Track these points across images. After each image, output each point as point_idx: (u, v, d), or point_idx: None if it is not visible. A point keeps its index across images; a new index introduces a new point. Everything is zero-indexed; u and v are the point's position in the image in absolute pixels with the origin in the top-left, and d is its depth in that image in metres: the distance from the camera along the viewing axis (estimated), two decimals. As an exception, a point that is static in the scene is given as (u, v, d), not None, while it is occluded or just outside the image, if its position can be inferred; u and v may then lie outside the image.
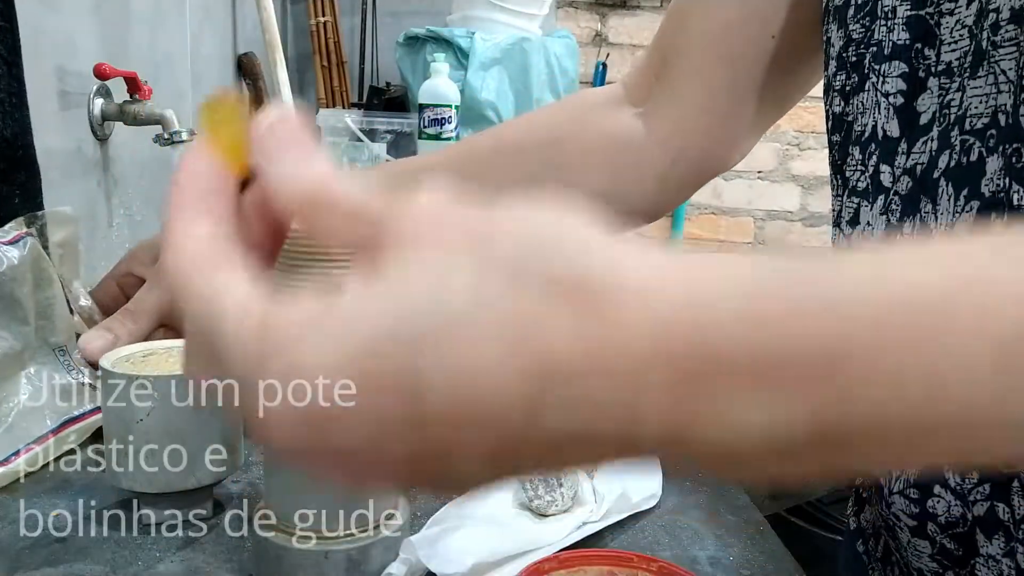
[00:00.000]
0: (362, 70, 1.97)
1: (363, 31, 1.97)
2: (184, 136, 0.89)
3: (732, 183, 2.35)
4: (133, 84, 0.89)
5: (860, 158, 0.48)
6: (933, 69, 0.43)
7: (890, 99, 0.45)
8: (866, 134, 0.47)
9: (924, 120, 0.44)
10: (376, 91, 1.85)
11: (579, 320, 0.19)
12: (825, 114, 0.52)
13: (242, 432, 0.50)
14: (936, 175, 0.42)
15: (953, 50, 0.42)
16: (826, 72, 0.51)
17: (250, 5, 1.36)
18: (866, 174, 0.47)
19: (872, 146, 0.47)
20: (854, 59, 0.48)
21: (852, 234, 0.49)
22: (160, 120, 0.89)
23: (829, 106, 0.51)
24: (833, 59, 0.50)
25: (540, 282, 0.19)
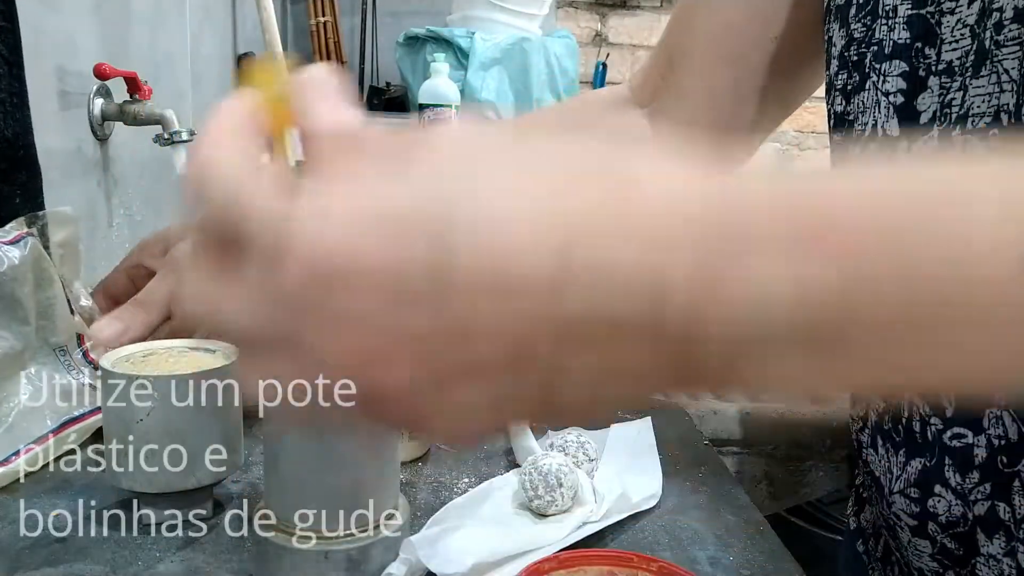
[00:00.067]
0: (362, 70, 1.97)
1: (363, 31, 1.97)
2: (184, 136, 0.89)
3: (733, 183, 2.34)
4: (133, 84, 0.89)
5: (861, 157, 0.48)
6: (934, 68, 0.43)
7: (890, 98, 0.45)
8: (866, 133, 0.47)
9: (924, 119, 0.44)
10: (376, 91, 1.85)
11: (606, 193, 0.20)
12: (827, 113, 0.52)
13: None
14: None
15: (954, 49, 0.42)
16: (827, 71, 0.51)
17: (250, 5, 1.36)
18: None
19: (872, 145, 0.47)
20: (855, 58, 0.48)
21: None
22: (160, 120, 0.89)
23: (831, 105, 0.51)
24: (835, 59, 0.50)
25: (572, 168, 0.20)
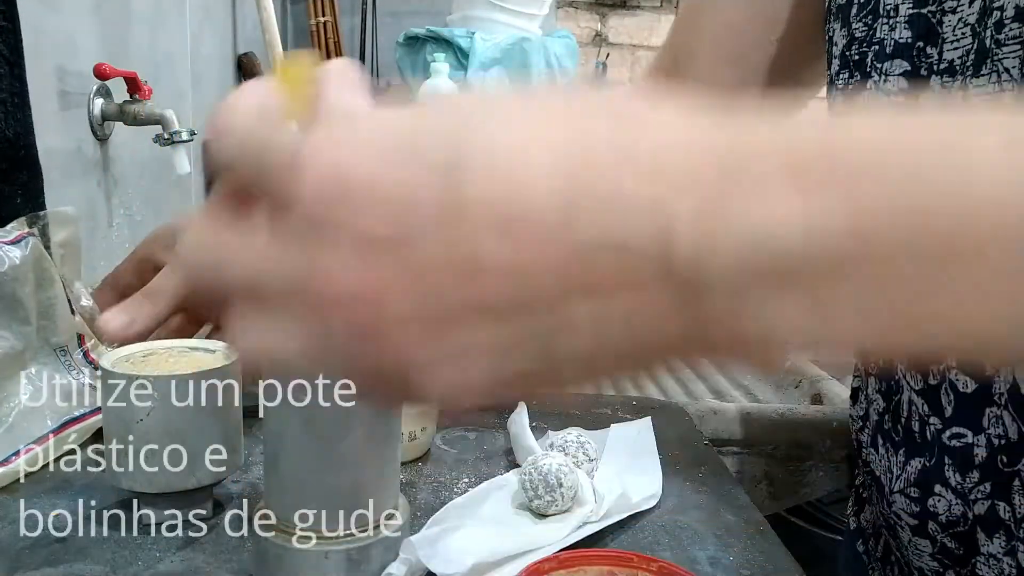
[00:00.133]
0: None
1: (363, 31, 1.97)
2: (184, 136, 0.89)
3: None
4: (133, 84, 0.89)
5: None
6: (935, 67, 0.43)
7: (891, 97, 0.45)
8: None
9: None
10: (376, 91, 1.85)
11: (614, 130, 0.20)
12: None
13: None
14: None
15: (955, 48, 0.42)
16: (829, 71, 0.51)
17: (250, 5, 1.36)
18: None
19: None
20: (856, 58, 0.48)
21: None
22: (160, 120, 0.89)
23: (832, 105, 0.51)
24: (836, 58, 0.50)
25: (584, 105, 0.21)
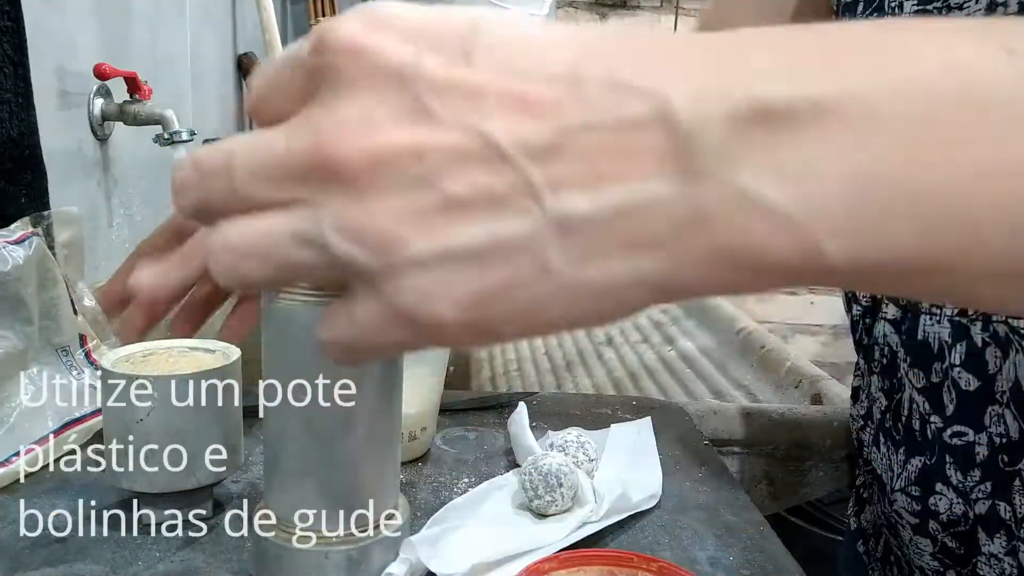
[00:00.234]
0: (362, 70, 1.96)
1: (363, 31, 1.96)
2: (184, 136, 0.89)
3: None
4: (133, 84, 0.89)
5: None
6: None
7: None
8: None
9: None
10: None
11: (622, 41, 0.22)
12: None
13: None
14: None
15: None
16: None
17: (250, 5, 1.36)
18: None
19: None
20: None
21: None
22: (160, 120, 0.89)
23: None
24: None
25: (597, 31, 0.22)
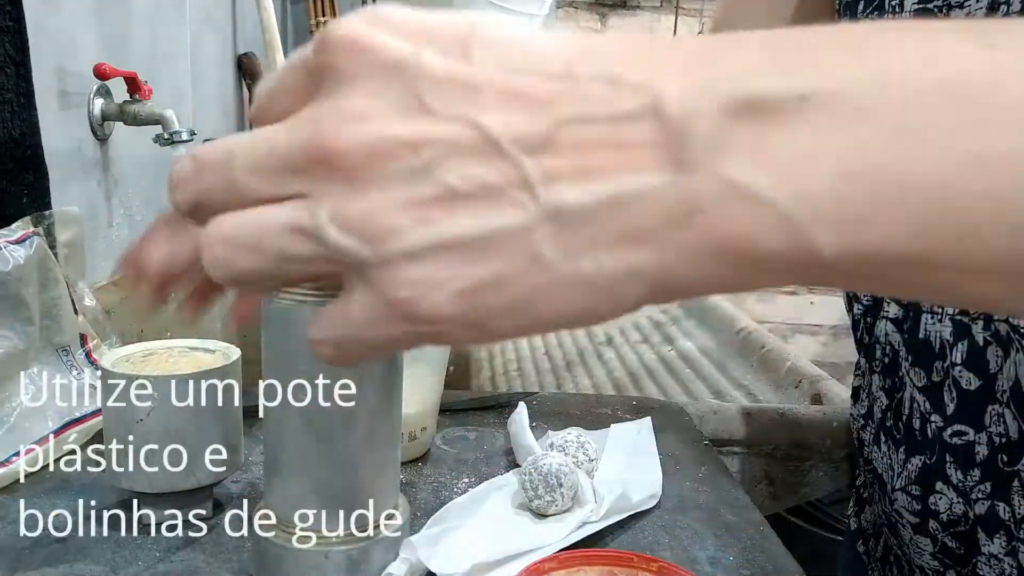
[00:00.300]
0: (362, 70, 1.96)
1: (363, 31, 1.96)
2: (184, 136, 0.89)
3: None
4: (133, 84, 0.89)
5: None
6: None
7: None
8: None
9: None
10: (376, 91, 1.84)
11: (619, 43, 0.22)
12: None
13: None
14: None
15: None
16: None
17: (250, 5, 1.36)
18: None
19: None
20: None
21: None
22: (160, 120, 0.89)
23: None
24: None
25: (595, 36, 0.22)
